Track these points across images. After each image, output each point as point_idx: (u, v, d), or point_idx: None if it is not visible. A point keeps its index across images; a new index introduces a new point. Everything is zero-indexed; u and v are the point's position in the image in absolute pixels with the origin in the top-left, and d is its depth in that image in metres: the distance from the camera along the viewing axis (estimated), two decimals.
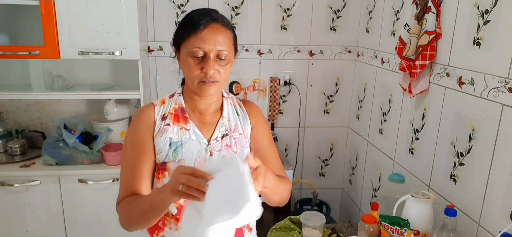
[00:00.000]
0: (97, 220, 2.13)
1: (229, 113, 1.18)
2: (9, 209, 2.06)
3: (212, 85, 1.06)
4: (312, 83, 2.59)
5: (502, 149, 1.31)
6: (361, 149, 2.51)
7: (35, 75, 2.30)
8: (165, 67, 2.41)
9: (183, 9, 2.33)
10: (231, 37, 1.10)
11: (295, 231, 1.58)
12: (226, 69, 1.08)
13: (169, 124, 1.11)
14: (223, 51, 1.05)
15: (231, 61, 1.10)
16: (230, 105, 1.20)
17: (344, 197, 2.84)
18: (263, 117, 1.26)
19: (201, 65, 1.04)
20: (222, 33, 1.06)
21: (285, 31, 2.47)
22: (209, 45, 1.03)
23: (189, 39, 1.04)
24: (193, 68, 1.05)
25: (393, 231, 1.36)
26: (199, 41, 1.03)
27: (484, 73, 1.39)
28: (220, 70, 1.06)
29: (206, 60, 1.04)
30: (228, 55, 1.07)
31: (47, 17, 1.91)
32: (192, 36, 1.04)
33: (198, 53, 1.03)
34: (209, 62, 1.03)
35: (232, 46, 1.10)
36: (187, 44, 1.05)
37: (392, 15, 2.07)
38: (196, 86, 1.07)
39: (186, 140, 1.10)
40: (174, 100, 1.16)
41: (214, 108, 1.17)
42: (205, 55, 1.04)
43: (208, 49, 1.03)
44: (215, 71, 1.05)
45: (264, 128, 1.23)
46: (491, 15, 1.36)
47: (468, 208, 1.47)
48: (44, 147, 2.08)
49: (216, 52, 1.04)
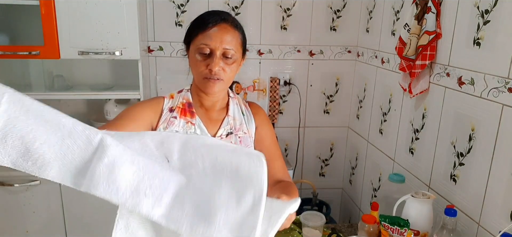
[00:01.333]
0: (97, 220, 2.13)
1: (235, 113, 1.20)
2: (9, 209, 2.06)
3: (216, 82, 1.09)
4: (312, 83, 2.59)
5: (502, 149, 1.31)
6: (361, 149, 2.51)
7: (35, 75, 2.30)
8: (165, 67, 2.41)
9: (183, 9, 2.33)
10: (240, 39, 1.13)
11: (295, 231, 1.58)
12: (232, 69, 1.11)
13: (176, 116, 1.14)
14: (229, 50, 1.07)
15: (237, 61, 1.12)
16: (235, 105, 1.22)
17: (344, 197, 2.84)
18: (268, 119, 1.28)
19: (207, 62, 1.08)
20: (230, 33, 1.09)
21: (285, 31, 2.47)
22: (216, 43, 1.06)
23: (197, 36, 1.08)
24: (199, 65, 1.08)
25: (393, 231, 1.36)
26: (206, 39, 1.06)
27: (484, 73, 1.39)
28: (225, 69, 1.08)
29: (212, 57, 1.07)
30: (235, 54, 1.09)
31: (47, 17, 1.91)
32: (200, 34, 1.08)
33: (205, 50, 1.07)
34: (214, 59, 1.06)
35: (239, 47, 1.12)
36: (195, 42, 1.09)
37: (392, 15, 2.07)
38: (201, 83, 1.10)
39: (191, 133, 1.12)
40: (182, 95, 1.19)
41: (220, 106, 1.20)
42: (211, 52, 1.07)
43: (215, 46, 1.06)
44: (220, 69, 1.07)
45: (268, 129, 1.25)
46: (491, 15, 1.36)
47: (468, 208, 1.47)
48: None
49: (222, 50, 1.07)
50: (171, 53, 2.39)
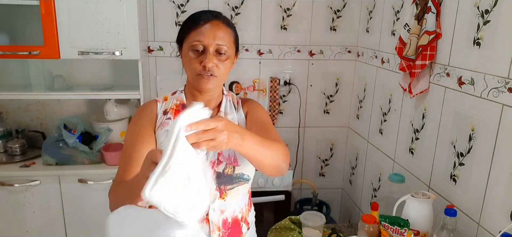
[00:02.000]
0: (97, 220, 2.13)
1: (227, 108, 1.20)
2: (9, 209, 2.06)
3: (210, 79, 1.08)
4: (312, 83, 2.59)
5: (502, 149, 1.31)
6: (361, 149, 2.51)
7: (35, 75, 2.30)
8: (165, 67, 2.41)
9: (183, 9, 2.33)
10: (232, 36, 1.13)
11: (295, 231, 1.58)
12: (225, 65, 1.10)
13: (170, 118, 1.15)
14: (222, 46, 1.08)
15: (230, 58, 1.12)
16: (228, 102, 1.22)
17: (344, 197, 2.84)
18: (260, 105, 1.25)
19: (200, 59, 1.07)
20: (223, 29, 1.09)
21: (285, 31, 2.47)
22: (209, 39, 1.06)
23: (190, 34, 1.09)
24: (193, 62, 1.08)
25: (393, 231, 1.36)
26: (199, 35, 1.07)
27: (484, 73, 1.39)
28: (219, 65, 1.08)
29: (206, 54, 1.07)
30: (228, 51, 1.09)
31: (47, 17, 1.91)
32: (193, 31, 1.08)
33: (198, 46, 1.07)
34: (208, 55, 1.06)
35: (232, 44, 1.12)
36: (188, 39, 1.09)
37: (392, 15, 2.07)
38: (195, 80, 1.10)
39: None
40: (176, 97, 1.19)
41: (214, 104, 1.20)
42: (204, 49, 1.07)
43: (208, 43, 1.06)
44: (214, 65, 1.07)
45: (259, 110, 1.22)
46: (491, 15, 1.36)
47: (468, 208, 1.47)
48: (44, 147, 2.08)
49: (215, 46, 1.07)
50: (171, 53, 2.39)
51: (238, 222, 1.18)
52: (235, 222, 1.17)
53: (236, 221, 1.17)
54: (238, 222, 1.18)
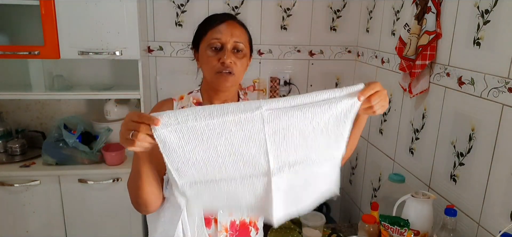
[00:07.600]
0: (97, 220, 2.13)
1: None
2: (9, 209, 2.06)
3: (228, 76, 1.09)
4: (312, 83, 2.59)
5: (502, 149, 1.31)
6: (361, 149, 2.51)
7: (35, 75, 2.30)
8: (165, 67, 2.41)
9: (183, 9, 2.33)
10: (247, 36, 1.16)
11: (295, 231, 1.58)
12: (242, 63, 1.12)
13: None
14: (239, 43, 1.10)
15: (247, 56, 1.15)
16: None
17: (344, 197, 2.83)
18: None
19: (218, 56, 1.09)
20: (238, 29, 1.12)
21: (285, 31, 2.47)
22: (226, 37, 1.09)
23: (207, 34, 1.11)
24: (211, 60, 1.10)
25: (393, 231, 1.36)
26: (217, 33, 1.09)
27: (484, 73, 1.39)
28: (236, 63, 1.10)
29: (224, 51, 1.09)
30: (244, 49, 1.12)
31: (47, 17, 1.91)
32: (210, 30, 1.11)
33: (216, 44, 1.09)
34: (226, 52, 1.08)
35: (247, 43, 1.15)
36: (205, 39, 1.11)
37: (392, 15, 2.07)
38: (213, 78, 1.10)
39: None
40: (192, 96, 1.20)
41: None
42: (222, 46, 1.09)
43: (225, 40, 1.09)
44: (232, 62, 1.09)
45: None
46: (491, 15, 1.36)
47: (468, 208, 1.47)
48: (44, 147, 2.08)
49: (232, 43, 1.10)
50: (171, 53, 2.39)
51: (247, 225, 1.18)
52: (243, 225, 1.17)
53: (244, 224, 1.17)
54: (247, 226, 1.18)
